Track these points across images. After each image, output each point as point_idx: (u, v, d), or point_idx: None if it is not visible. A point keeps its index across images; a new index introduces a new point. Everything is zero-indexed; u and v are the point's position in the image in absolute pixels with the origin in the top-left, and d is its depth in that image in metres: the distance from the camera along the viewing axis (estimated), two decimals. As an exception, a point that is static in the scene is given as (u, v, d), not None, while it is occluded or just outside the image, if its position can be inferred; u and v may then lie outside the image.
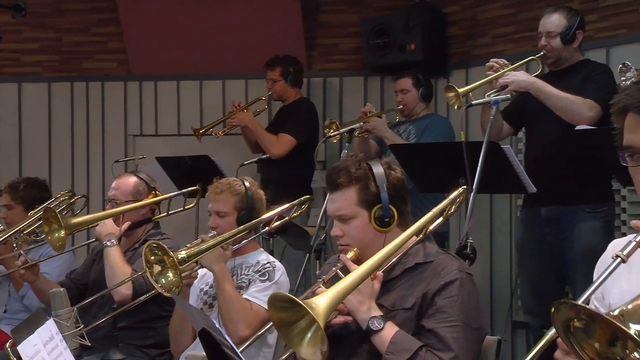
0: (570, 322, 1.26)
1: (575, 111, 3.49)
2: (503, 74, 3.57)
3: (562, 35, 3.65)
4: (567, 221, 3.62)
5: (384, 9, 5.54)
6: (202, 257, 2.70)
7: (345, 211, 2.22)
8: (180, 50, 5.71)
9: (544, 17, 3.73)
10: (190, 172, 4.48)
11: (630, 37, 4.26)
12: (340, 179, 2.23)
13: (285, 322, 1.79)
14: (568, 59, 3.72)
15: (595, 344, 1.25)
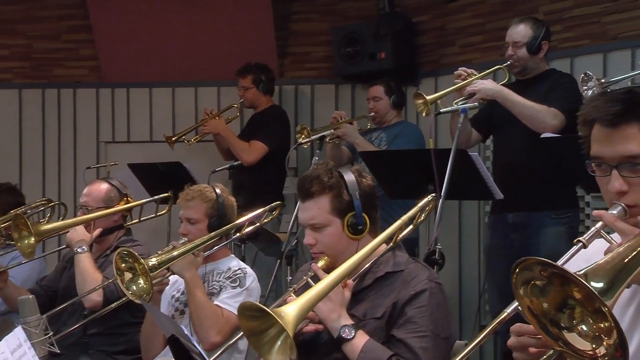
0: (531, 281, 1.32)
1: (540, 119, 3.57)
2: (471, 82, 3.64)
3: (528, 45, 3.73)
4: (534, 227, 3.69)
5: (354, 18, 5.61)
6: (173, 263, 2.72)
7: (319, 220, 2.24)
8: (153, 57, 5.71)
9: (511, 28, 3.81)
10: (163, 178, 4.50)
11: (593, 47, 4.36)
12: (313, 188, 2.24)
13: (255, 330, 1.80)
14: (534, 68, 3.80)
15: (544, 304, 1.32)
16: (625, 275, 1.28)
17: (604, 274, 1.27)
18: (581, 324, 1.30)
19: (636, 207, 1.50)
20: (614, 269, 1.28)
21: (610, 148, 1.52)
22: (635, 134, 1.50)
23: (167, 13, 5.66)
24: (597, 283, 1.25)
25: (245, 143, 5.06)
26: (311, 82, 5.78)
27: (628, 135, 1.50)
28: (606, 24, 4.34)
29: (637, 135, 1.50)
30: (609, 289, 1.25)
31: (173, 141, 5.27)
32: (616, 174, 1.51)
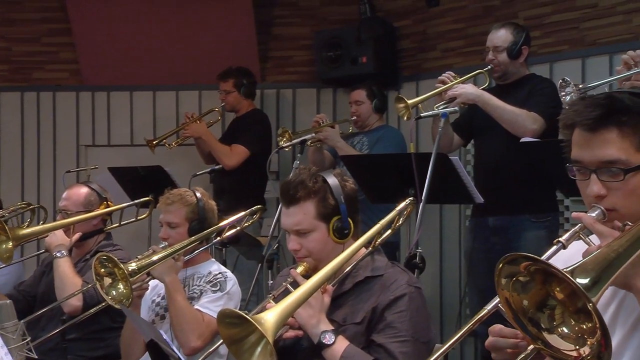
0: (515, 276, 1.33)
1: (519, 124, 3.59)
2: (452, 87, 3.66)
3: (508, 50, 3.76)
4: (514, 230, 3.71)
5: (336, 22, 5.62)
6: (154, 268, 2.71)
7: (304, 225, 2.23)
8: (134, 61, 5.69)
9: (492, 33, 3.83)
10: (143, 182, 4.48)
11: (572, 52, 4.41)
12: (298, 194, 2.23)
13: (235, 338, 1.80)
14: (514, 73, 3.82)
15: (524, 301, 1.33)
16: (609, 274, 1.30)
17: (589, 271, 1.28)
18: (562, 326, 1.32)
19: (614, 211, 1.51)
20: (599, 267, 1.30)
21: (589, 152, 1.53)
22: (614, 139, 1.51)
23: (148, 16, 5.64)
24: (582, 279, 1.26)
25: (227, 147, 5.05)
26: (293, 86, 5.78)
27: (607, 140, 1.52)
28: (584, 30, 4.39)
29: (616, 140, 1.51)
30: (594, 286, 1.27)
31: (154, 145, 5.25)
32: (595, 178, 1.53)
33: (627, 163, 1.50)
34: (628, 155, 1.50)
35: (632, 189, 1.50)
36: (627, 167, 1.50)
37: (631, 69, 2.96)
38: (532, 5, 4.62)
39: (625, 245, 1.35)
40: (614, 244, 1.35)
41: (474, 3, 4.97)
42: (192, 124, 5.16)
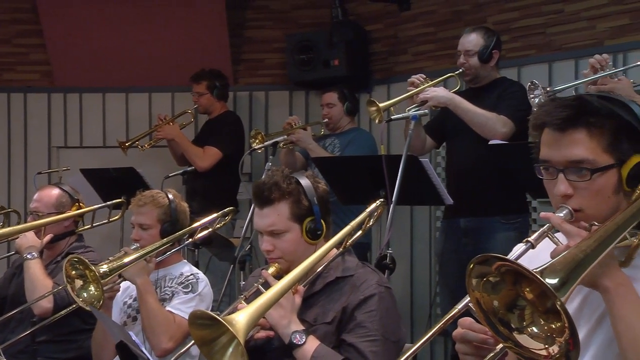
0: (485, 276, 1.36)
1: (490, 127, 3.64)
2: (423, 90, 3.69)
3: (479, 54, 3.81)
4: (485, 232, 3.75)
5: (308, 26, 5.66)
6: (125, 270, 2.71)
7: (278, 226, 2.25)
8: (106, 62, 5.67)
9: (463, 37, 3.88)
10: (116, 184, 4.47)
11: (539, 57, 4.49)
12: (272, 195, 2.24)
13: (206, 339, 1.81)
14: (485, 76, 3.87)
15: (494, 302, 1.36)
16: (577, 274, 1.33)
17: (558, 271, 1.31)
18: (531, 326, 1.34)
19: (581, 211, 1.54)
20: (567, 268, 1.32)
21: (557, 152, 1.57)
22: (582, 139, 1.55)
23: (120, 18, 5.63)
24: (551, 280, 1.29)
25: (200, 149, 5.06)
26: (265, 89, 5.81)
27: (575, 140, 1.55)
28: (551, 35, 4.47)
29: (585, 141, 1.55)
30: (562, 286, 1.29)
31: (126, 146, 5.24)
32: (562, 177, 1.56)
33: (594, 163, 1.53)
34: (595, 156, 1.54)
35: (598, 189, 1.54)
36: (594, 167, 1.53)
37: (597, 73, 3.03)
38: (501, 11, 4.69)
39: (593, 246, 1.38)
40: (582, 245, 1.38)
41: (444, 8, 5.04)
42: (165, 126, 5.16)
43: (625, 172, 1.55)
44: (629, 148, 1.55)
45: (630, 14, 4.12)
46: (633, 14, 4.10)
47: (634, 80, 3.11)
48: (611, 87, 2.92)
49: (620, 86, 2.94)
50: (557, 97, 2.33)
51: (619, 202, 1.56)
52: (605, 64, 3.03)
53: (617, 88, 2.91)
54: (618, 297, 1.45)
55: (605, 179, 1.55)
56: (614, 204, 1.56)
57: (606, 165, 1.54)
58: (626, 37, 4.11)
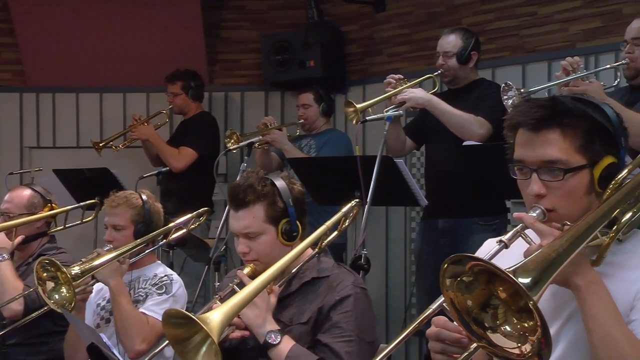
0: (459, 276, 1.37)
1: (467, 128, 3.64)
2: (401, 91, 3.70)
3: (458, 55, 3.80)
4: (462, 233, 3.76)
5: (284, 26, 5.66)
6: (98, 271, 2.69)
7: (254, 229, 2.24)
8: (80, 62, 5.63)
9: (442, 38, 3.88)
10: (89, 184, 4.44)
11: (512, 59, 4.53)
12: (247, 197, 2.24)
13: (180, 338, 1.81)
14: (464, 78, 3.87)
15: (468, 301, 1.38)
16: (549, 273, 1.35)
17: (531, 271, 1.33)
18: (505, 325, 1.36)
19: (554, 211, 1.56)
20: (540, 267, 1.34)
21: (531, 152, 1.59)
22: (556, 139, 1.57)
23: (94, 17, 5.58)
24: (524, 279, 1.31)
25: (175, 149, 5.04)
26: (241, 89, 5.80)
27: (549, 140, 1.57)
28: (524, 37, 4.52)
29: (558, 141, 1.57)
30: (535, 285, 1.31)
31: (100, 147, 5.20)
32: (535, 177, 1.58)
33: (567, 163, 1.56)
34: (568, 156, 1.56)
35: (571, 189, 1.56)
36: (567, 167, 1.55)
37: (569, 75, 3.07)
38: (475, 12, 4.73)
39: (565, 245, 1.40)
40: (554, 244, 1.40)
41: (420, 9, 5.07)
42: (140, 126, 5.13)
43: (597, 173, 1.57)
44: (601, 149, 1.58)
45: (601, 17, 4.17)
46: (605, 17, 4.15)
47: (604, 83, 3.15)
48: (583, 90, 2.95)
49: (591, 88, 2.98)
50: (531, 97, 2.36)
51: (590, 202, 1.58)
52: (577, 66, 3.07)
53: (588, 90, 2.94)
54: (589, 295, 1.47)
55: (578, 180, 1.57)
56: (586, 204, 1.58)
57: (579, 166, 1.56)
58: (598, 39, 4.16)
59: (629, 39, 3.17)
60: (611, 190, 1.56)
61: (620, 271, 1.56)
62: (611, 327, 1.45)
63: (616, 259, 1.57)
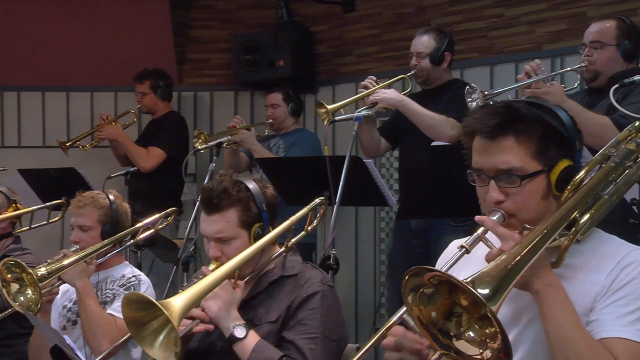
0: (420, 288, 1.39)
1: (438, 129, 3.65)
2: (373, 91, 3.70)
3: (431, 56, 3.81)
4: (434, 234, 3.76)
5: (253, 26, 5.65)
6: (64, 272, 2.67)
7: (227, 233, 2.24)
8: (46, 61, 5.57)
9: (415, 38, 3.89)
10: (56, 184, 4.39)
11: (481, 60, 4.57)
12: (221, 202, 2.23)
13: (139, 322, 1.80)
14: (437, 78, 3.87)
15: (432, 313, 1.39)
16: (508, 281, 1.37)
17: (490, 280, 1.35)
18: (468, 331, 1.37)
19: (513, 217, 1.59)
20: (498, 276, 1.36)
21: (488, 159, 1.60)
22: (511, 146, 1.59)
23: (62, 15, 5.52)
24: (483, 290, 1.32)
25: (143, 149, 5.00)
26: (210, 89, 5.78)
27: (504, 147, 1.59)
28: (492, 38, 4.56)
29: (513, 148, 1.58)
30: (494, 295, 1.33)
31: (67, 147, 5.15)
32: (493, 184, 1.60)
33: (523, 170, 1.58)
34: (524, 163, 1.58)
35: (529, 194, 1.58)
36: (523, 174, 1.57)
37: (531, 77, 3.11)
38: (444, 14, 4.77)
39: (524, 251, 1.42)
40: (514, 251, 1.42)
41: (389, 10, 5.09)
42: (107, 126, 5.08)
43: (554, 178, 1.60)
44: (557, 153, 1.60)
45: (567, 20, 4.23)
46: (570, 19, 4.21)
47: (565, 85, 3.20)
48: (544, 91, 2.99)
49: (552, 90, 3.02)
50: (487, 103, 2.39)
51: (549, 205, 1.60)
52: (539, 69, 3.12)
53: (550, 92, 2.99)
54: (548, 298, 1.49)
55: (535, 185, 1.59)
56: (544, 208, 1.60)
57: (535, 172, 1.58)
58: (563, 41, 4.22)
59: (588, 42, 3.23)
60: (569, 193, 1.59)
61: (579, 274, 1.59)
62: (569, 329, 1.47)
63: (575, 261, 1.59)
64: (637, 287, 1.54)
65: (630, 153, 1.70)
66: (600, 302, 1.54)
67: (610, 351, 1.49)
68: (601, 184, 1.62)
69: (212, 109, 5.78)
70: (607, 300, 1.54)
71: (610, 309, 1.53)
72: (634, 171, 1.69)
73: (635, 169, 1.69)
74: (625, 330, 1.51)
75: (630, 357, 1.49)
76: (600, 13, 3.87)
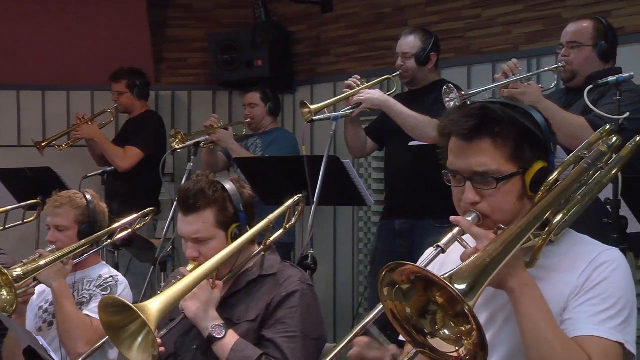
0: (396, 284, 1.40)
1: (422, 130, 3.66)
2: (358, 92, 3.71)
3: (416, 56, 3.82)
4: (418, 234, 3.78)
5: (231, 26, 5.64)
6: (40, 273, 2.65)
7: (203, 234, 2.23)
8: (21, 59, 5.51)
9: (401, 39, 3.90)
10: (32, 184, 4.35)
11: (458, 60, 4.60)
12: (198, 203, 2.22)
13: (116, 326, 1.80)
14: (423, 79, 3.88)
15: (407, 309, 1.40)
16: (484, 277, 1.38)
17: (466, 277, 1.36)
18: (443, 329, 1.39)
19: (488, 217, 1.60)
20: (474, 273, 1.37)
21: (464, 161, 1.61)
22: (487, 148, 1.60)
23: (37, 13, 5.48)
24: (460, 285, 1.34)
25: (120, 149, 4.97)
26: (188, 89, 5.76)
27: (481, 149, 1.60)
28: (469, 39, 4.59)
29: (489, 150, 1.60)
30: (470, 291, 1.34)
31: (43, 146, 5.10)
32: (469, 185, 1.61)
33: (499, 172, 1.59)
34: (499, 165, 1.59)
35: (504, 196, 1.60)
36: (499, 176, 1.59)
37: (509, 77, 3.14)
38: (421, 14, 4.79)
39: (499, 250, 1.44)
40: (489, 249, 1.44)
41: (366, 10, 5.11)
42: (84, 125, 5.04)
43: (529, 179, 1.61)
44: (532, 155, 1.61)
45: (543, 21, 4.27)
46: (545, 20, 4.25)
47: (542, 85, 3.23)
48: (521, 92, 3.02)
49: (530, 91, 3.05)
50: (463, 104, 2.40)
51: (523, 206, 1.62)
52: (516, 69, 3.14)
53: (527, 92, 3.01)
54: (523, 296, 1.51)
55: (510, 186, 1.60)
56: (519, 208, 1.61)
57: (510, 174, 1.59)
58: (540, 42, 4.26)
59: (565, 43, 3.27)
60: (542, 193, 1.60)
61: (553, 274, 1.60)
62: (544, 328, 1.49)
63: (549, 262, 1.61)
64: (609, 286, 1.56)
65: (602, 155, 1.73)
66: (574, 301, 1.57)
67: (583, 349, 1.51)
68: (574, 185, 1.64)
69: (190, 109, 5.76)
70: (580, 300, 1.56)
71: (584, 307, 1.55)
72: (606, 173, 1.72)
73: (607, 171, 1.72)
74: (598, 329, 1.53)
75: (603, 354, 1.51)
76: (575, 14, 3.91)
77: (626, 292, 1.58)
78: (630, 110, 2.80)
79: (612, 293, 1.56)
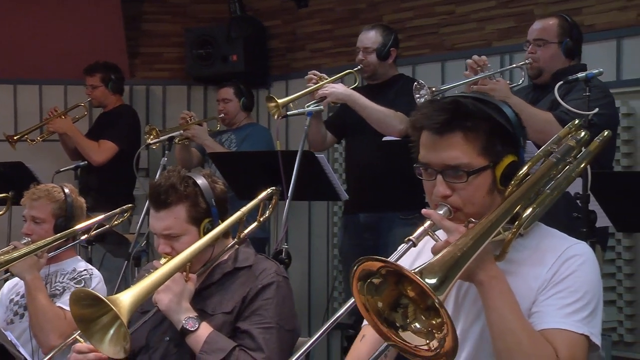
0: (369, 278, 1.41)
1: (387, 123, 3.71)
2: (322, 86, 3.74)
3: (377, 51, 3.88)
4: (384, 227, 3.82)
5: (206, 20, 5.63)
6: (14, 265, 2.64)
7: (175, 230, 2.23)
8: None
9: (362, 34, 3.95)
10: (3, 179, 4.31)
11: (432, 56, 4.63)
12: (169, 198, 2.22)
13: (88, 318, 1.80)
14: (383, 73, 3.94)
15: (379, 303, 1.42)
16: (455, 271, 1.40)
17: (437, 271, 1.38)
18: (414, 322, 1.41)
19: (459, 211, 1.62)
20: (445, 267, 1.39)
21: (435, 154, 1.63)
22: (458, 142, 1.62)
23: (10, 5, 5.41)
24: (430, 279, 1.35)
25: (94, 142, 4.94)
26: (163, 83, 5.73)
27: (452, 143, 1.62)
28: (443, 35, 4.63)
29: (461, 144, 1.62)
30: (441, 285, 1.36)
31: (15, 140, 5.05)
32: (440, 179, 1.63)
33: (470, 166, 1.61)
34: (471, 159, 1.61)
35: (475, 189, 1.62)
36: (470, 169, 1.61)
37: (478, 74, 3.18)
38: (396, 10, 4.82)
39: (470, 243, 1.46)
40: (459, 242, 1.46)
41: (341, 6, 5.13)
42: (57, 119, 5.00)
43: (499, 173, 1.63)
44: (502, 149, 1.64)
45: (515, 18, 4.32)
46: (517, 17, 4.31)
47: (509, 81, 3.28)
48: (490, 88, 3.06)
49: (498, 87, 3.10)
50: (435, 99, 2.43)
51: (494, 199, 1.64)
52: (484, 64, 3.19)
53: (495, 89, 3.06)
54: (491, 289, 1.53)
55: (481, 180, 1.62)
56: (489, 202, 1.64)
57: (481, 167, 1.62)
58: (512, 39, 4.31)
59: (531, 40, 3.32)
60: (512, 187, 1.63)
61: (522, 268, 1.63)
62: (511, 320, 1.52)
63: (519, 255, 1.64)
64: (577, 280, 1.59)
65: (571, 149, 1.76)
66: (542, 294, 1.59)
67: (550, 342, 1.53)
68: (543, 179, 1.66)
69: (165, 103, 5.73)
70: (548, 293, 1.59)
71: (551, 300, 1.58)
72: (574, 167, 1.74)
73: (575, 165, 1.75)
74: (564, 322, 1.56)
75: (569, 347, 1.54)
76: (547, 11, 3.97)
77: (593, 285, 1.61)
78: (598, 106, 2.86)
79: (579, 287, 1.58)
